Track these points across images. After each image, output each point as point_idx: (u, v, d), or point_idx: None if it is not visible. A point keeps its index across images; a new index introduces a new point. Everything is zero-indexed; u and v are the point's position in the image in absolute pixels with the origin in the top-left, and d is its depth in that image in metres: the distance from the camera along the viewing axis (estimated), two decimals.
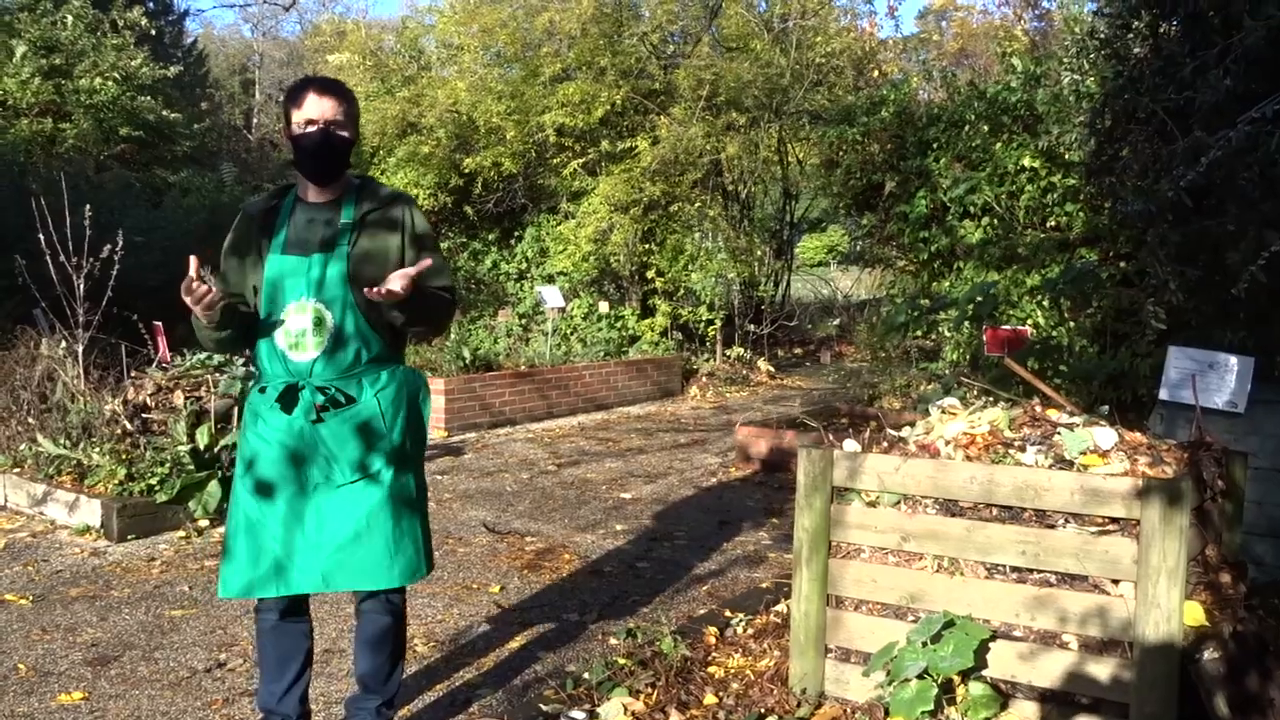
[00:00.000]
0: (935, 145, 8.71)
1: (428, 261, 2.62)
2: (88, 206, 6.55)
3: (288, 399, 2.65)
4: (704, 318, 11.76)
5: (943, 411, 3.10)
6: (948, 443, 2.89)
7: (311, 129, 2.61)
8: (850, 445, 3.02)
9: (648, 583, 4.63)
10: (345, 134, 2.66)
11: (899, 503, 2.83)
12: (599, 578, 4.72)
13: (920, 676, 2.47)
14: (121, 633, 4.01)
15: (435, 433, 8.47)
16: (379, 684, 2.93)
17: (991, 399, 3.17)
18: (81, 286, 6.58)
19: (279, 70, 36.79)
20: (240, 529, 2.70)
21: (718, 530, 5.59)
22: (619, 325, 11.57)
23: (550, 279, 12.12)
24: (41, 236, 6.55)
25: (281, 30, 38.73)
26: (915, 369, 9.04)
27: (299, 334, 2.65)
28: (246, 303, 2.77)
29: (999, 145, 8.23)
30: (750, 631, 3.55)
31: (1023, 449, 2.78)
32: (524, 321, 12.00)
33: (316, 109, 2.62)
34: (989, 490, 2.66)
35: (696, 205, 11.21)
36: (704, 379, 11.40)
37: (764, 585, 4.34)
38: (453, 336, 9.74)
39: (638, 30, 10.51)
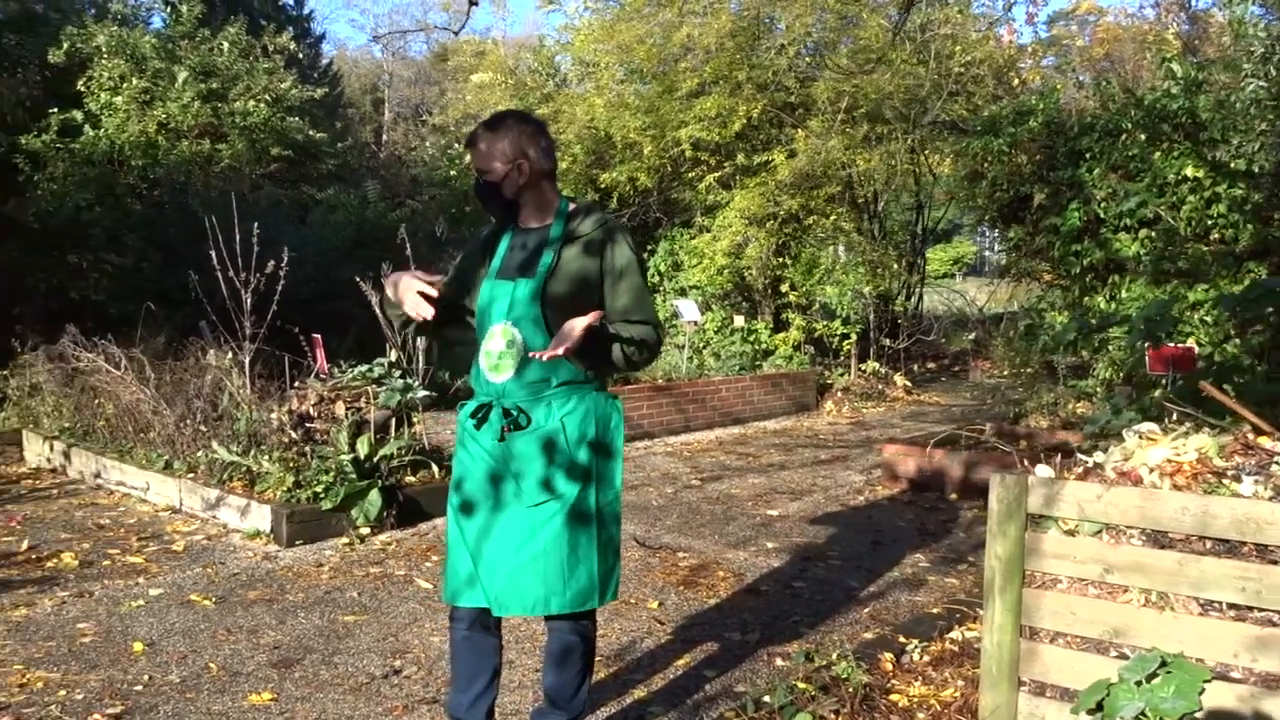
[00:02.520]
0: (1088, 155, 8.41)
1: (592, 318, 2.62)
2: (256, 225, 6.87)
3: (480, 418, 2.73)
4: (839, 331, 11.61)
5: (1140, 436, 2.97)
6: (1151, 470, 2.76)
7: (480, 177, 2.80)
8: (1043, 470, 2.92)
9: (806, 603, 4.57)
10: (491, 177, 2.75)
11: (1100, 532, 2.72)
12: (756, 596, 4.68)
13: (1137, 718, 2.36)
14: (300, 636, 4.16)
15: None
16: (565, 700, 2.95)
17: (1194, 424, 3.02)
18: (249, 300, 6.89)
19: (407, 89, 37.96)
20: (448, 539, 2.84)
21: (871, 551, 5.49)
22: (752, 339, 11.51)
23: (683, 292, 12.14)
24: (213, 253, 6.88)
25: (409, 50, 39.89)
26: (1063, 386, 8.73)
27: (498, 355, 2.72)
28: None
29: (1158, 155, 7.90)
30: (927, 659, 3.47)
31: (1237, 479, 2.63)
32: None
33: (473, 160, 2.80)
34: (1204, 522, 2.53)
35: (832, 218, 11.08)
36: (839, 394, 11.25)
37: (934, 611, 4.23)
38: None
39: (774, 43, 10.46)
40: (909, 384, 12.11)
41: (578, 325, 2.58)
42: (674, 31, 10.20)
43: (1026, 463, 3.02)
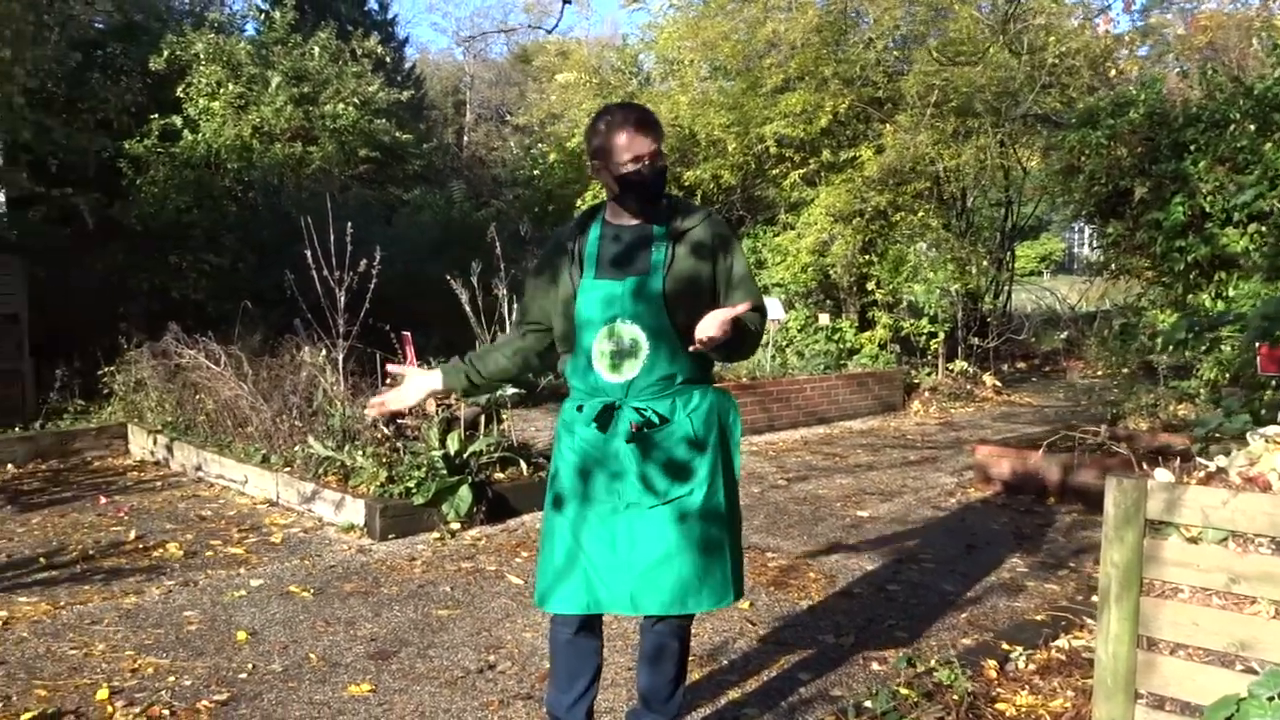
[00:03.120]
0: (1193, 147, 8.11)
1: (746, 305, 2.59)
2: (349, 224, 7.00)
3: (604, 418, 2.68)
4: (926, 330, 11.40)
5: (1267, 440, 2.84)
6: None
7: (636, 166, 2.60)
8: (1162, 474, 2.81)
9: (901, 607, 4.49)
10: (663, 164, 2.66)
11: (1225, 540, 2.60)
12: (849, 599, 4.61)
13: None
14: (395, 629, 4.22)
15: None
16: (660, 702, 2.93)
17: None
18: (342, 299, 7.02)
19: (488, 90, 38.37)
20: (547, 542, 2.77)
21: (966, 554, 5.37)
22: (837, 338, 11.37)
23: (765, 290, 12.04)
24: (307, 252, 7.03)
25: (490, 52, 40.36)
26: (1164, 387, 8.44)
27: (614, 355, 2.66)
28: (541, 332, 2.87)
29: (1269, 146, 7.58)
30: (1032, 667, 3.37)
31: None
32: None
33: (639, 145, 2.59)
34: None
35: (919, 215, 10.88)
36: (926, 394, 11.05)
37: (1038, 618, 4.11)
38: None
39: (861, 37, 10.32)
40: (999, 384, 11.83)
41: (723, 316, 2.51)
42: (759, 27, 10.12)
43: (1145, 466, 2.91)
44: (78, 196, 9.61)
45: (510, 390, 6.36)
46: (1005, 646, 3.63)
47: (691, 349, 2.56)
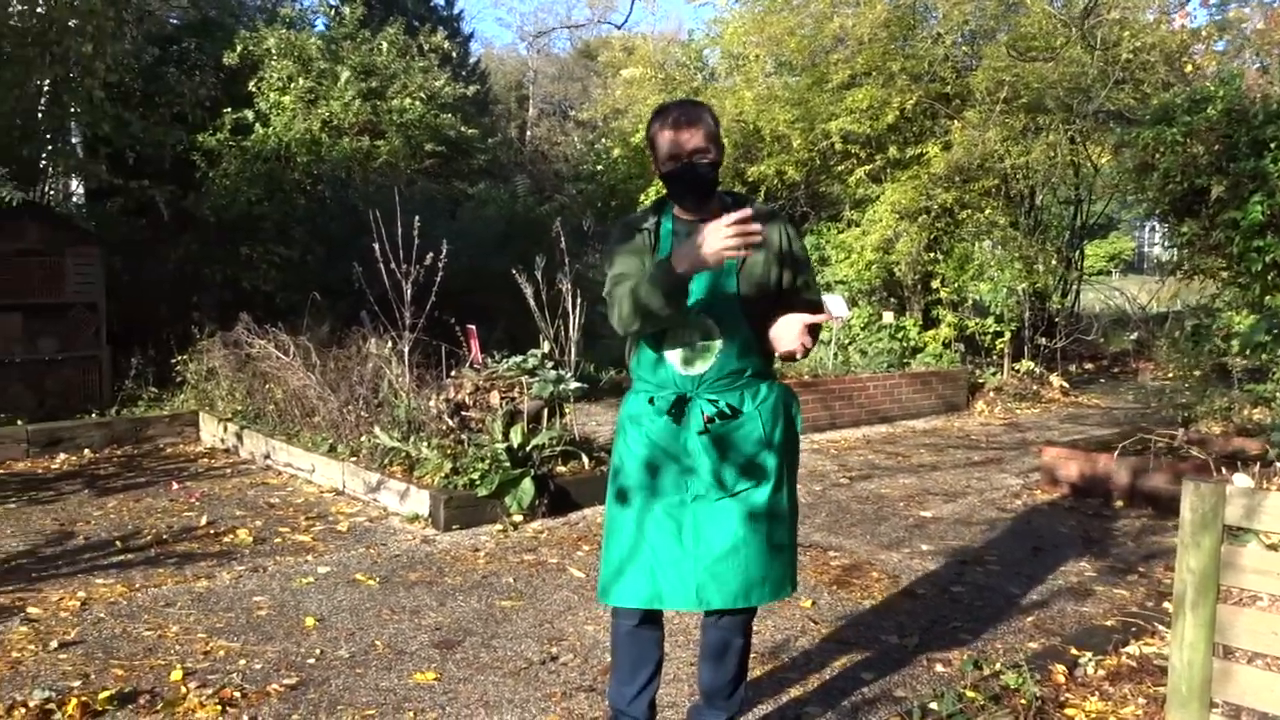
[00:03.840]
0: (1274, 145, 7.86)
1: (823, 316, 2.63)
2: (416, 218, 7.09)
3: (678, 410, 2.67)
4: (991, 329, 11.22)
5: None
6: None
7: (674, 164, 2.62)
8: (1241, 480, 2.74)
9: (966, 609, 4.43)
10: (709, 159, 2.61)
11: None
12: (912, 599, 4.56)
13: None
14: (460, 619, 4.27)
15: None
16: (723, 698, 2.94)
17: None
18: (409, 291, 7.12)
19: (550, 85, 38.57)
20: (610, 535, 2.79)
21: (1032, 557, 5.28)
22: (900, 336, 11.24)
23: (828, 287, 11.95)
24: (376, 245, 7.13)
25: (553, 47, 40.57)
26: (1239, 390, 8.20)
27: (688, 348, 2.67)
28: None
29: None
30: (1102, 673, 3.31)
31: None
32: None
33: (679, 143, 2.60)
34: None
35: (987, 212, 10.71)
36: (991, 394, 10.88)
37: (1108, 624, 4.03)
38: None
39: (930, 32, 10.18)
40: (1066, 385, 11.61)
41: (798, 327, 2.56)
42: (826, 22, 10.03)
43: (1224, 470, 2.84)
44: (154, 188, 9.85)
45: (574, 384, 6.40)
46: (1074, 651, 3.57)
47: (779, 354, 2.64)
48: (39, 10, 8.43)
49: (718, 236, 2.34)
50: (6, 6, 8.50)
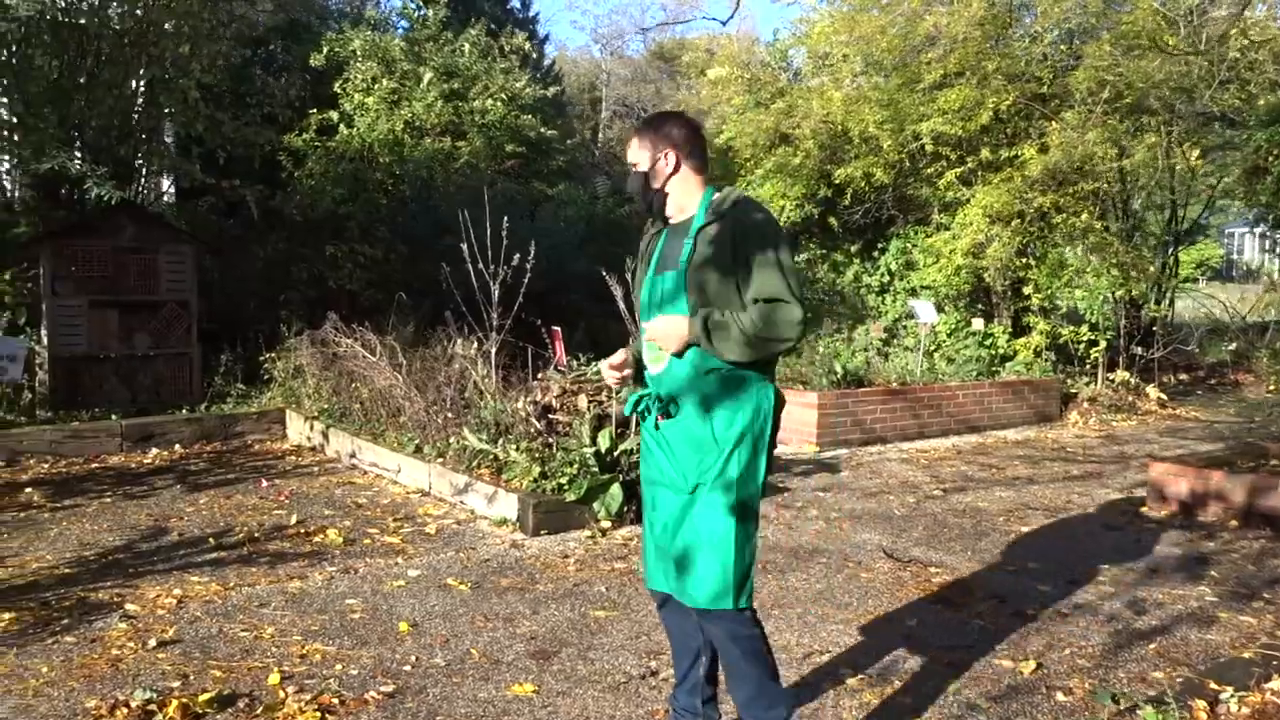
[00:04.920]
0: None
1: (673, 320, 2.69)
2: (505, 219, 7.04)
3: (641, 408, 2.83)
4: (1085, 338, 10.85)
5: None
6: None
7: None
8: None
9: (1081, 633, 4.21)
10: (641, 170, 2.84)
11: None
12: (1021, 620, 4.35)
13: None
14: (554, 628, 4.17)
15: (806, 447, 8.38)
16: (749, 713, 2.83)
17: None
18: (496, 292, 7.07)
19: (623, 87, 38.55)
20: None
21: (1146, 579, 5.02)
22: (989, 343, 10.92)
23: (913, 292, 11.68)
24: (463, 246, 7.10)
25: (627, 49, 40.58)
26: None
27: (648, 349, 2.84)
28: None
29: None
30: (1246, 711, 3.09)
31: None
32: (884, 336, 11.66)
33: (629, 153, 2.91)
34: None
35: (1083, 217, 10.34)
36: (1084, 404, 10.51)
37: (1245, 655, 3.79)
38: (820, 350, 9.60)
39: (1029, 30, 9.86)
40: (1163, 396, 11.17)
41: (664, 323, 2.71)
42: (918, 21, 9.77)
43: None
44: (245, 188, 9.98)
45: None
46: (1213, 685, 3.34)
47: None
48: (137, 12, 8.57)
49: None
50: (106, 8, 8.67)
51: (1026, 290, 10.84)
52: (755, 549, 2.78)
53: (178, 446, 7.95)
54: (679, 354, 2.72)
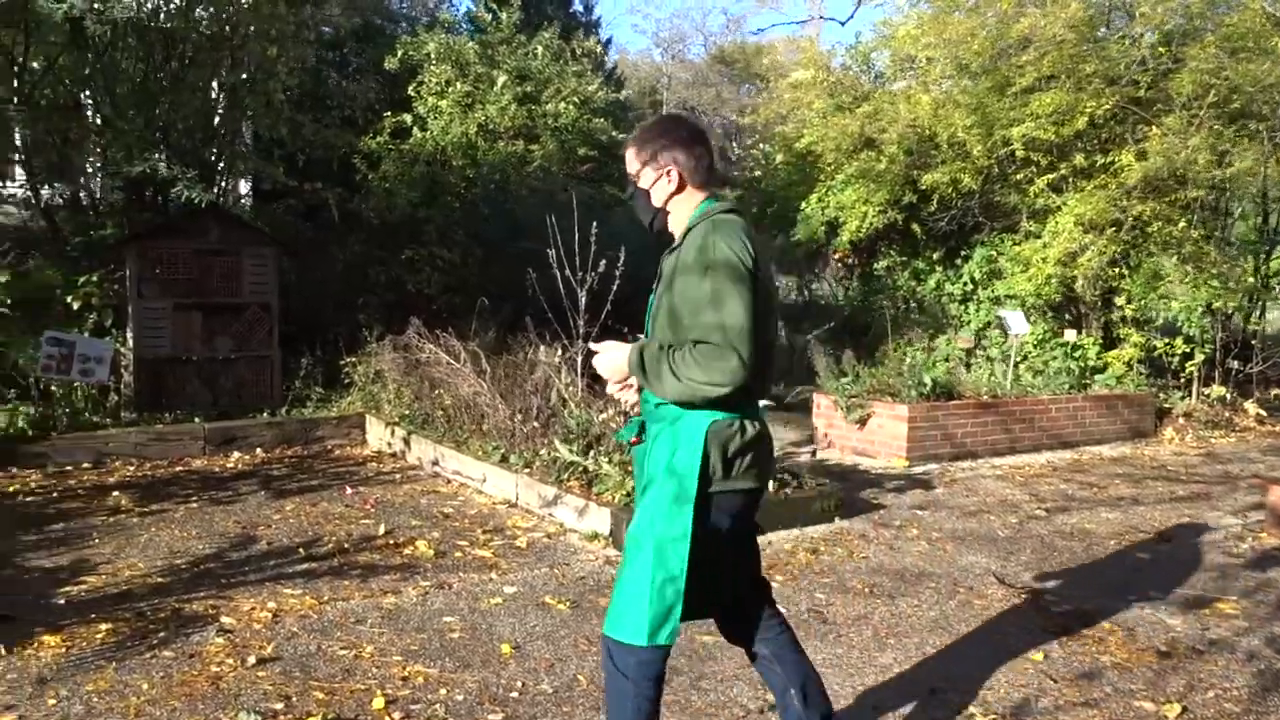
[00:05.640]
0: None
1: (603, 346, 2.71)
2: (595, 224, 6.89)
3: (637, 429, 2.80)
4: (1180, 350, 10.42)
5: None
6: None
7: None
8: None
9: (1222, 672, 3.93)
10: (638, 184, 2.73)
11: None
12: (1155, 657, 4.08)
13: None
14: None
15: (895, 461, 8.12)
16: None
17: None
18: (583, 298, 6.93)
19: (684, 90, 38.39)
20: None
21: (1279, 613, 4.71)
22: (1077, 355, 10.54)
23: (997, 301, 11.33)
24: (551, 251, 6.98)
25: (688, 53, 40.40)
26: None
27: None
28: None
29: None
30: None
31: None
32: (970, 346, 11.33)
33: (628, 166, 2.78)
34: None
35: (1181, 225, 9.93)
36: (1180, 420, 10.09)
37: None
38: (907, 361, 9.32)
39: (1129, 31, 9.49)
40: (1262, 412, 10.70)
41: (607, 353, 2.69)
42: (1011, 23, 9.45)
43: None
44: (326, 190, 9.97)
45: (762, 402, 6.06)
46: None
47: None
48: (224, 15, 8.59)
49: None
50: (192, 11, 8.69)
51: (1119, 301, 10.45)
52: (676, 595, 2.51)
53: (259, 450, 7.92)
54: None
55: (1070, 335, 10.49)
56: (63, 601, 4.45)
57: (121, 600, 4.48)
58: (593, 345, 2.78)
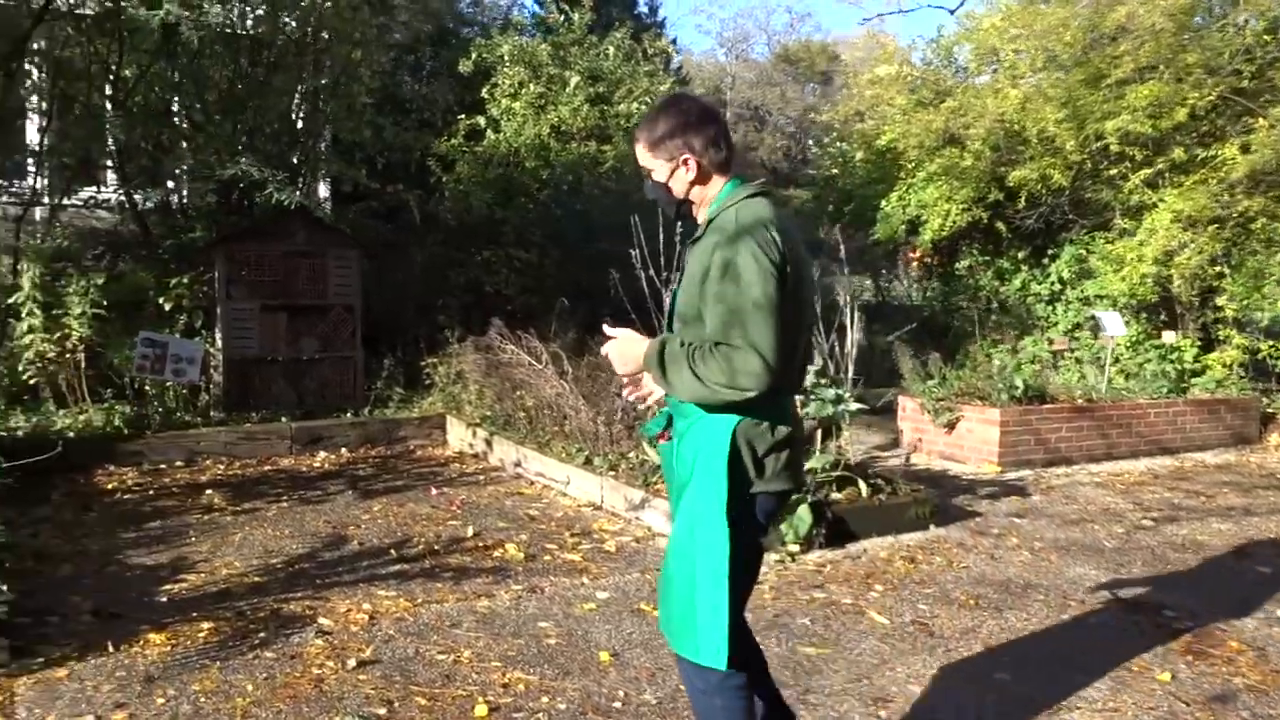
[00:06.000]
0: None
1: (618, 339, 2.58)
2: (679, 225, 6.77)
3: (662, 425, 2.69)
4: None
5: None
6: None
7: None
8: None
9: None
10: (653, 177, 2.57)
11: None
12: None
13: None
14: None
15: (986, 467, 7.88)
16: None
17: None
18: (668, 300, 6.81)
19: (748, 90, 38.13)
20: None
21: None
22: (1173, 358, 10.16)
23: (1086, 302, 10.97)
24: (633, 252, 6.88)
25: (751, 52, 40.12)
26: None
27: None
28: None
29: None
30: None
31: None
32: (1066, 349, 11.00)
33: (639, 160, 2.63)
34: None
35: None
36: None
37: None
38: (996, 363, 9.06)
39: (1233, 19, 9.12)
40: None
41: (622, 341, 2.57)
42: (1107, 12, 9.13)
43: None
44: (407, 192, 10.02)
45: (855, 406, 5.92)
46: None
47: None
48: (310, 20, 8.66)
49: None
50: (279, 17, 8.78)
51: (1220, 301, 10.04)
52: (727, 607, 2.36)
53: (343, 450, 7.96)
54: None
55: (1169, 337, 10.11)
56: (165, 599, 4.47)
57: (221, 599, 4.48)
58: (608, 329, 2.59)
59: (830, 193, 14.11)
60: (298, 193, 10.25)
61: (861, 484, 5.85)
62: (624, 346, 2.55)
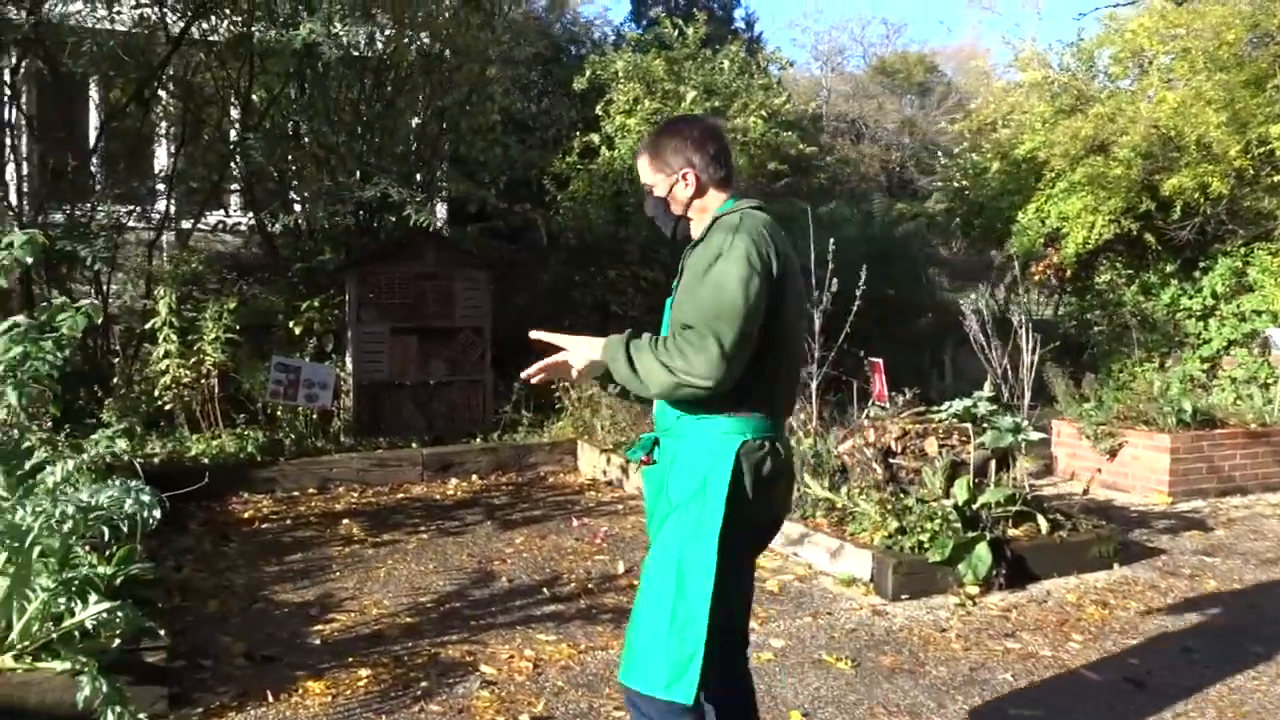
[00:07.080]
0: None
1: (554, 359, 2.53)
2: (831, 242, 6.46)
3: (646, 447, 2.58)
4: None
5: None
6: None
7: None
8: None
9: None
10: (654, 193, 2.58)
11: None
12: None
13: None
14: None
15: (1156, 497, 7.32)
16: None
17: None
18: (819, 320, 6.49)
19: (844, 104, 37.45)
20: None
21: None
22: None
23: (1243, 318, 10.25)
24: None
25: (846, 65, 39.37)
26: None
27: None
28: None
29: None
30: None
31: None
32: (1206, 367, 10.31)
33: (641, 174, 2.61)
34: None
35: None
36: None
37: None
38: (1155, 384, 8.46)
39: None
40: None
41: (578, 341, 2.53)
42: (1273, 9, 8.49)
43: None
44: (535, 212, 9.87)
45: (1035, 435, 5.48)
46: None
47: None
48: (439, 38, 8.58)
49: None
50: (406, 36, 8.71)
51: None
52: (696, 642, 2.27)
53: (474, 477, 7.79)
54: (603, 380, 2.54)
55: None
56: (318, 642, 4.29)
57: (375, 642, 4.29)
58: (556, 339, 2.55)
59: (960, 204, 13.56)
60: (434, 215, 10.25)
61: (1041, 519, 5.41)
62: (580, 352, 2.52)
